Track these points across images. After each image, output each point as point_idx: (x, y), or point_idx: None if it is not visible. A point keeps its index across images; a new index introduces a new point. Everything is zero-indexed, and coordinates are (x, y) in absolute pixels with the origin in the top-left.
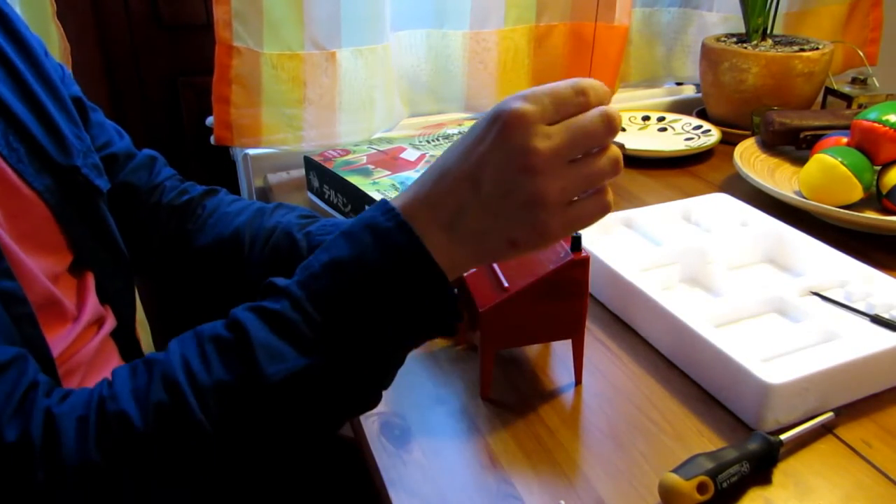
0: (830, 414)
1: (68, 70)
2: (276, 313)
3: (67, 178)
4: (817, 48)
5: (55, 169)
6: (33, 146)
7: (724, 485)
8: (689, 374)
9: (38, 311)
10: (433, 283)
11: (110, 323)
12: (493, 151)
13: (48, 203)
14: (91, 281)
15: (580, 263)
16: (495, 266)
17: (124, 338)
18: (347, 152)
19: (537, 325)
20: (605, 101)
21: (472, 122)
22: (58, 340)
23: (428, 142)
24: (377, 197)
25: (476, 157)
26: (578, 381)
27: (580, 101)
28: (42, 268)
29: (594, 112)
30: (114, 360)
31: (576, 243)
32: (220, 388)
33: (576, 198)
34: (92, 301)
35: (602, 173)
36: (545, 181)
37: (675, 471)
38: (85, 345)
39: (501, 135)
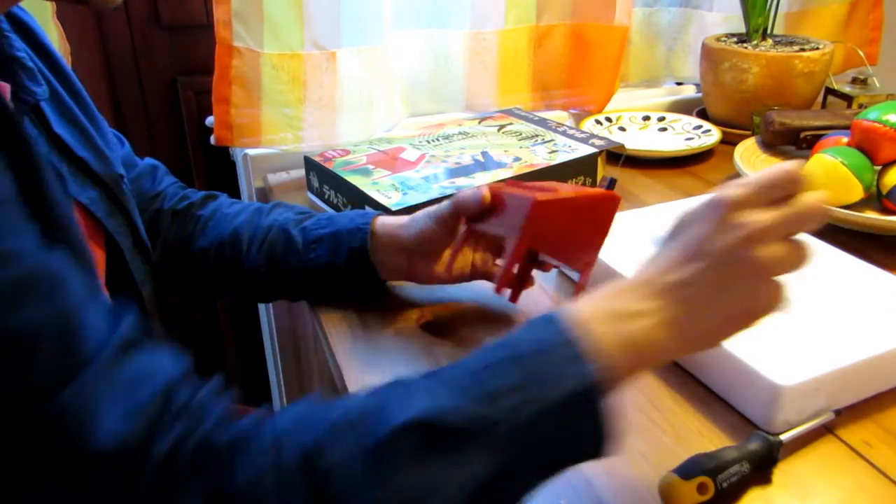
0: (830, 414)
1: None
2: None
3: (111, 187)
4: (817, 48)
5: (98, 181)
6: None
7: (724, 485)
8: (694, 375)
9: None
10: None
11: None
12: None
13: (95, 215)
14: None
15: (613, 199)
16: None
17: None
18: (347, 152)
19: (565, 239)
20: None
21: (472, 122)
22: None
23: (428, 142)
24: (377, 197)
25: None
26: None
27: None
28: None
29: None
30: None
31: (611, 184)
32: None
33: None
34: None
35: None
36: (762, 251)
37: (675, 471)
38: None
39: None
